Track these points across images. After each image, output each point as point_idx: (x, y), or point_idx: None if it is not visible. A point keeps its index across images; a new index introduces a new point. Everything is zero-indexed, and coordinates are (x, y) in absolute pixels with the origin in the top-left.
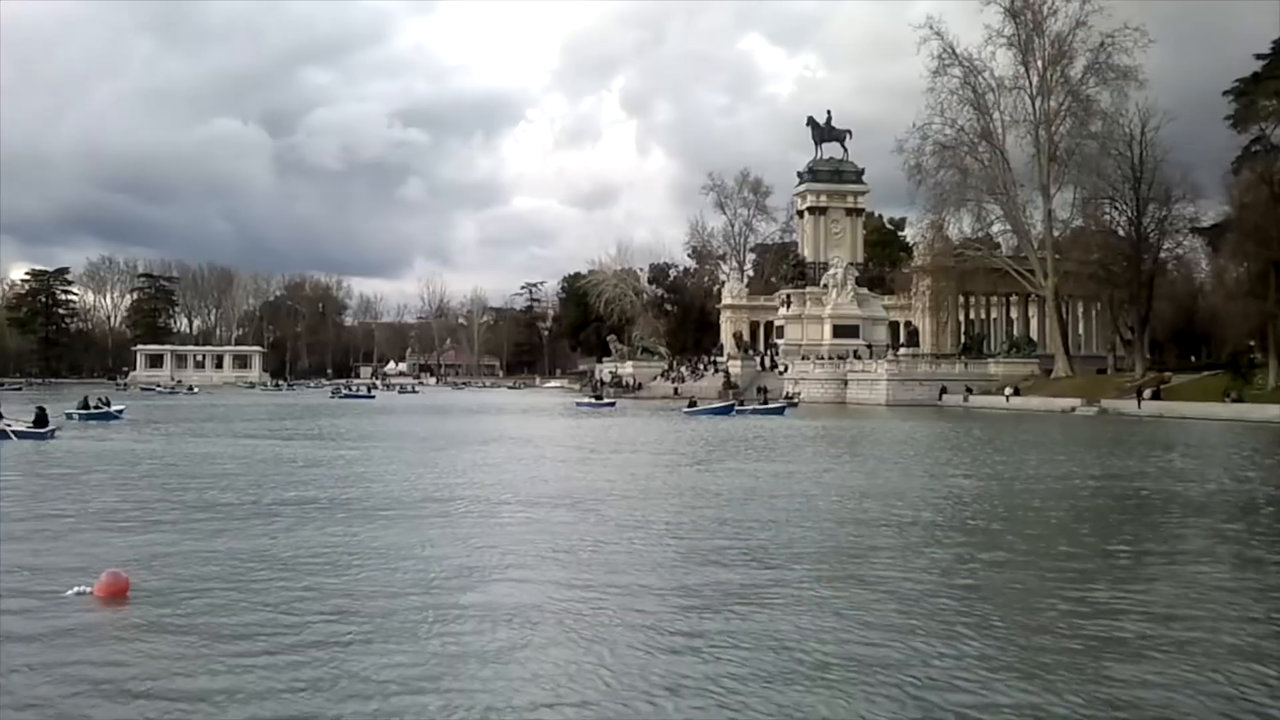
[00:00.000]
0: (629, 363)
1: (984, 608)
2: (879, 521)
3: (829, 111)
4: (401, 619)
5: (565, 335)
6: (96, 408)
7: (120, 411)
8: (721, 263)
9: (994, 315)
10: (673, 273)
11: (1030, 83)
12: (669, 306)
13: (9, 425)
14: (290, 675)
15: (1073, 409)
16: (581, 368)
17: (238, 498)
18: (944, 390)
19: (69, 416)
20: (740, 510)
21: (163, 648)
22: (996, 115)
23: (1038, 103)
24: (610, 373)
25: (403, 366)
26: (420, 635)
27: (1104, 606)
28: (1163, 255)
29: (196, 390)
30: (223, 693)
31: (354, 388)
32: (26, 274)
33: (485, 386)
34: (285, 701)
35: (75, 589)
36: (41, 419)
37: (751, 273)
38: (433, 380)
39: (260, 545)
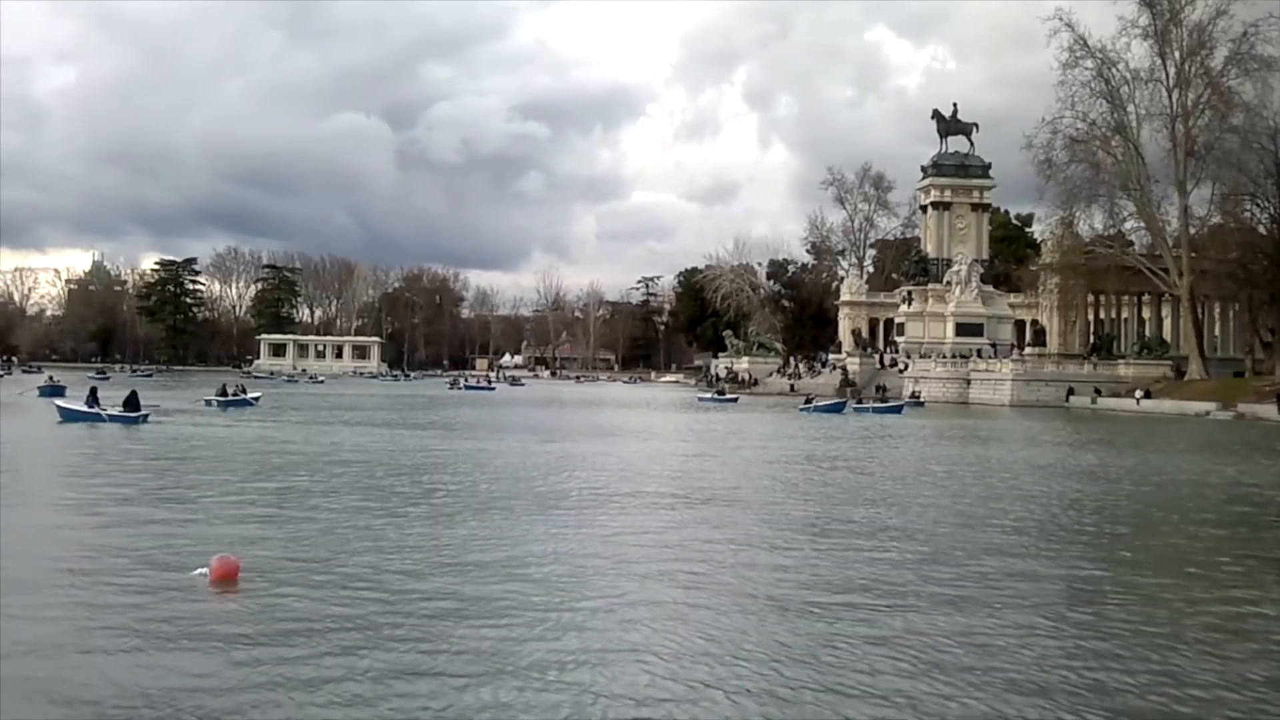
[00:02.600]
0: (745, 358)
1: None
2: (1047, 524)
3: (954, 104)
4: (517, 621)
5: (681, 330)
6: (234, 395)
7: (256, 399)
8: (840, 259)
9: (1125, 315)
10: (790, 268)
11: (1167, 74)
12: (786, 303)
13: (103, 410)
14: (371, 664)
15: (1207, 413)
16: (697, 363)
17: (381, 488)
18: (1071, 391)
19: (208, 403)
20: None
21: (262, 632)
22: (1131, 108)
23: (1175, 95)
24: (726, 368)
25: (518, 359)
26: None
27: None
28: None
29: (323, 380)
30: (306, 682)
31: (475, 380)
32: (156, 264)
33: (601, 380)
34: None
35: (198, 570)
36: (132, 403)
37: (871, 269)
38: (546, 373)
39: (388, 536)
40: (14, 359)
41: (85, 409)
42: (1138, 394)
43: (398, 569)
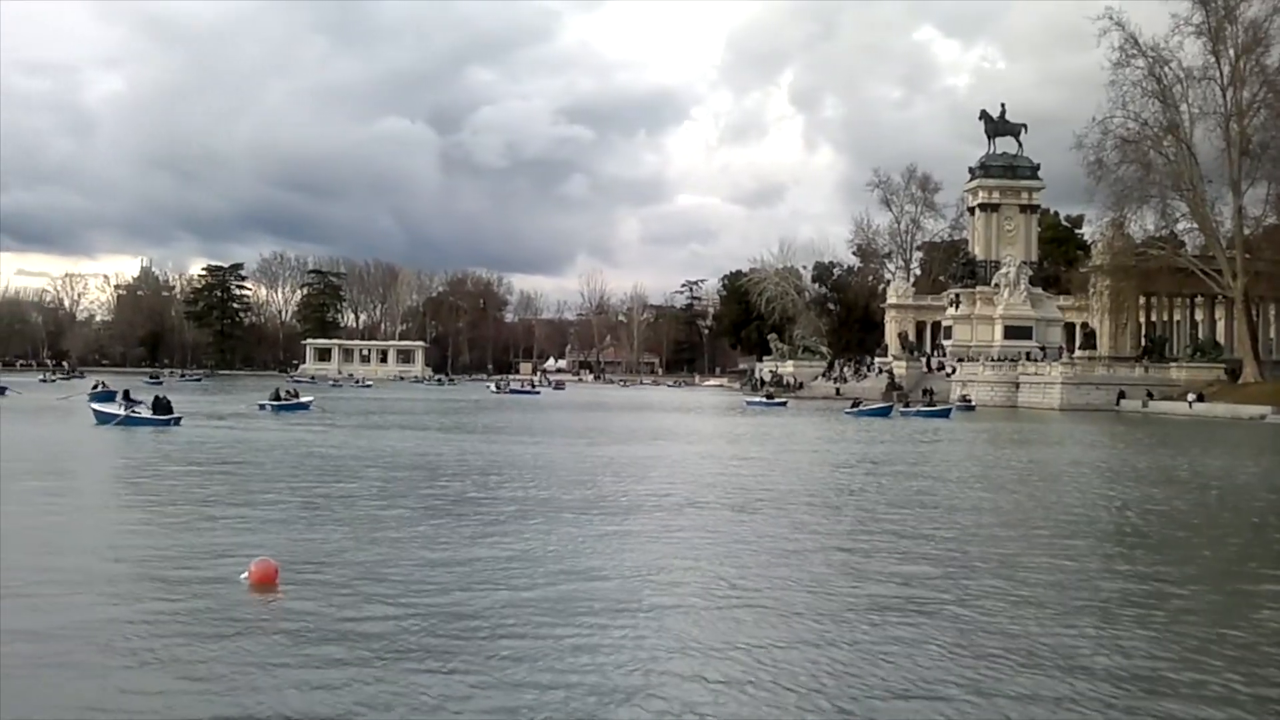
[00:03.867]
0: (789, 362)
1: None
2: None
3: (1003, 105)
4: (562, 626)
5: (725, 333)
6: (287, 398)
7: (309, 403)
8: (887, 261)
9: (1177, 317)
10: (836, 271)
11: (1221, 73)
12: (831, 306)
13: (134, 410)
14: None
15: (1262, 417)
16: (741, 366)
17: (436, 492)
18: (1122, 395)
19: (261, 407)
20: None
21: (295, 635)
22: (1184, 107)
23: (1229, 94)
24: (770, 371)
25: (562, 363)
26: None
27: None
28: None
29: (370, 384)
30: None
31: (519, 384)
32: (204, 270)
33: (645, 384)
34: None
35: (244, 574)
36: (163, 407)
37: (918, 271)
38: (590, 377)
39: (430, 543)
40: (64, 364)
41: (121, 412)
42: (1190, 397)
43: (447, 574)
